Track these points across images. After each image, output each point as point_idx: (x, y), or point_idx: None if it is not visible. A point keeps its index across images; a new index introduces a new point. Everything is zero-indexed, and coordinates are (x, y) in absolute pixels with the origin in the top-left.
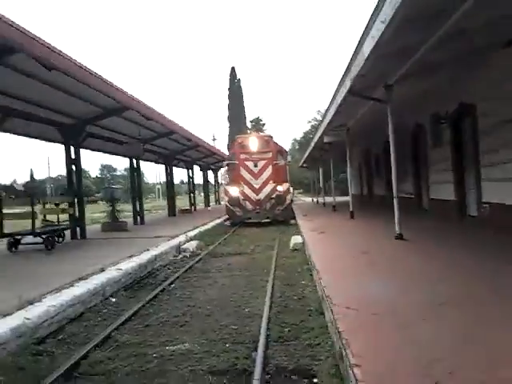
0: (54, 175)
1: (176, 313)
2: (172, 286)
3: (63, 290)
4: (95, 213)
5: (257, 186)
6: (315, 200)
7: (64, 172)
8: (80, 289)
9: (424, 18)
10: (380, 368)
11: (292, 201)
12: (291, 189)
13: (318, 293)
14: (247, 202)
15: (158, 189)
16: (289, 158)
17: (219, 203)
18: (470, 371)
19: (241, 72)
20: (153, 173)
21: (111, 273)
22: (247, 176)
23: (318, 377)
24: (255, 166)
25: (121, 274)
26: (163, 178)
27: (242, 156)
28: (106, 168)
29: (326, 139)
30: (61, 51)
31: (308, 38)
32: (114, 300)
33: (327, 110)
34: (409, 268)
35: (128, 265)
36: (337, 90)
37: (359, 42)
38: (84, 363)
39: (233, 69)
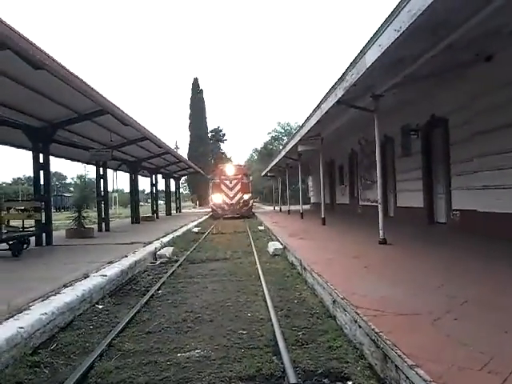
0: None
1: (175, 319)
2: (160, 291)
3: (51, 297)
4: None
5: (231, 195)
6: (277, 208)
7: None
8: (68, 296)
9: (430, 30)
10: (442, 367)
11: (253, 204)
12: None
13: (317, 297)
14: (225, 205)
15: (115, 197)
16: (250, 178)
17: (180, 211)
18: None
19: (203, 83)
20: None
21: (96, 279)
22: (225, 189)
23: (353, 379)
24: (230, 183)
25: (105, 280)
26: (120, 186)
27: (222, 177)
28: (56, 176)
29: (300, 148)
30: (43, 49)
31: (270, 51)
32: (100, 307)
33: (307, 120)
34: (408, 270)
35: (111, 271)
36: (324, 99)
37: (361, 50)
38: (92, 374)
39: (195, 79)
